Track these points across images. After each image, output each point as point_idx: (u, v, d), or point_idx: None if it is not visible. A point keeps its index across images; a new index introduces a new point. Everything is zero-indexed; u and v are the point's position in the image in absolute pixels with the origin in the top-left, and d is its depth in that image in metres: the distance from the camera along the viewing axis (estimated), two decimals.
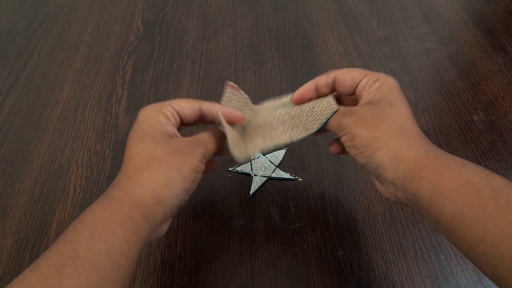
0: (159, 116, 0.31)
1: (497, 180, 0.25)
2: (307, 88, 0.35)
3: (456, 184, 0.25)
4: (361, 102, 0.33)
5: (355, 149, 0.30)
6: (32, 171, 0.48)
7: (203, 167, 0.31)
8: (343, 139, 0.31)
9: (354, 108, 0.32)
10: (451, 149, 0.47)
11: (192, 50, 0.61)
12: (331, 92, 0.35)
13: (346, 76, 0.34)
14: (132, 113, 0.53)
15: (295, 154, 0.48)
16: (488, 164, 0.46)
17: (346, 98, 0.36)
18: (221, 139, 0.34)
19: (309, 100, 0.36)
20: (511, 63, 0.56)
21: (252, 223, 0.42)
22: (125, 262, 0.24)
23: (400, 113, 0.30)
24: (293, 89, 0.54)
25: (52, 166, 0.48)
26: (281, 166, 0.47)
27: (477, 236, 0.24)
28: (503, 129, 0.49)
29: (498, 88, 0.54)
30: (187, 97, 0.55)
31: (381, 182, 0.31)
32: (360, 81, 0.33)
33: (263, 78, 0.57)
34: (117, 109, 0.54)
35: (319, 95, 0.36)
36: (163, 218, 0.29)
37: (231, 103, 0.37)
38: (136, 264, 0.26)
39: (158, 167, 0.29)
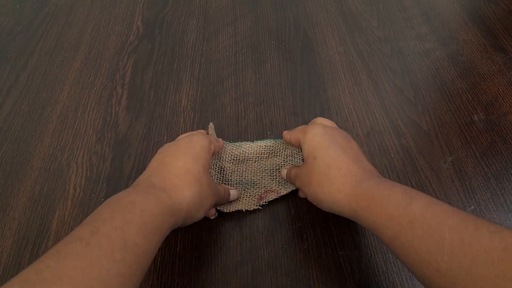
0: (210, 150, 0.40)
1: (414, 209, 0.29)
2: (286, 140, 0.44)
3: (382, 220, 0.30)
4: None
5: (312, 202, 0.38)
6: (32, 171, 0.48)
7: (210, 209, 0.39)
8: None
9: (299, 171, 0.39)
10: (451, 149, 0.47)
11: (192, 50, 0.61)
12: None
13: (292, 137, 0.42)
14: (132, 113, 0.53)
15: None
16: (488, 164, 0.46)
17: None
18: (224, 199, 0.41)
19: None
20: (511, 63, 0.56)
21: (252, 223, 0.42)
22: (150, 254, 0.30)
23: (322, 163, 0.36)
24: (293, 89, 0.54)
25: (52, 166, 0.48)
26: None
27: (407, 260, 0.29)
28: (503, 129, 0.49)
29: (498, 88, 0.54)
30: (187, 97, 0.55)
31: None
32: (299, 138, 0.40)
33: (263, 78, 0.57)
34: (117, 109, 0.54)
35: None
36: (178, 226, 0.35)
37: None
38: None
39: (199, 191, 0.35)
